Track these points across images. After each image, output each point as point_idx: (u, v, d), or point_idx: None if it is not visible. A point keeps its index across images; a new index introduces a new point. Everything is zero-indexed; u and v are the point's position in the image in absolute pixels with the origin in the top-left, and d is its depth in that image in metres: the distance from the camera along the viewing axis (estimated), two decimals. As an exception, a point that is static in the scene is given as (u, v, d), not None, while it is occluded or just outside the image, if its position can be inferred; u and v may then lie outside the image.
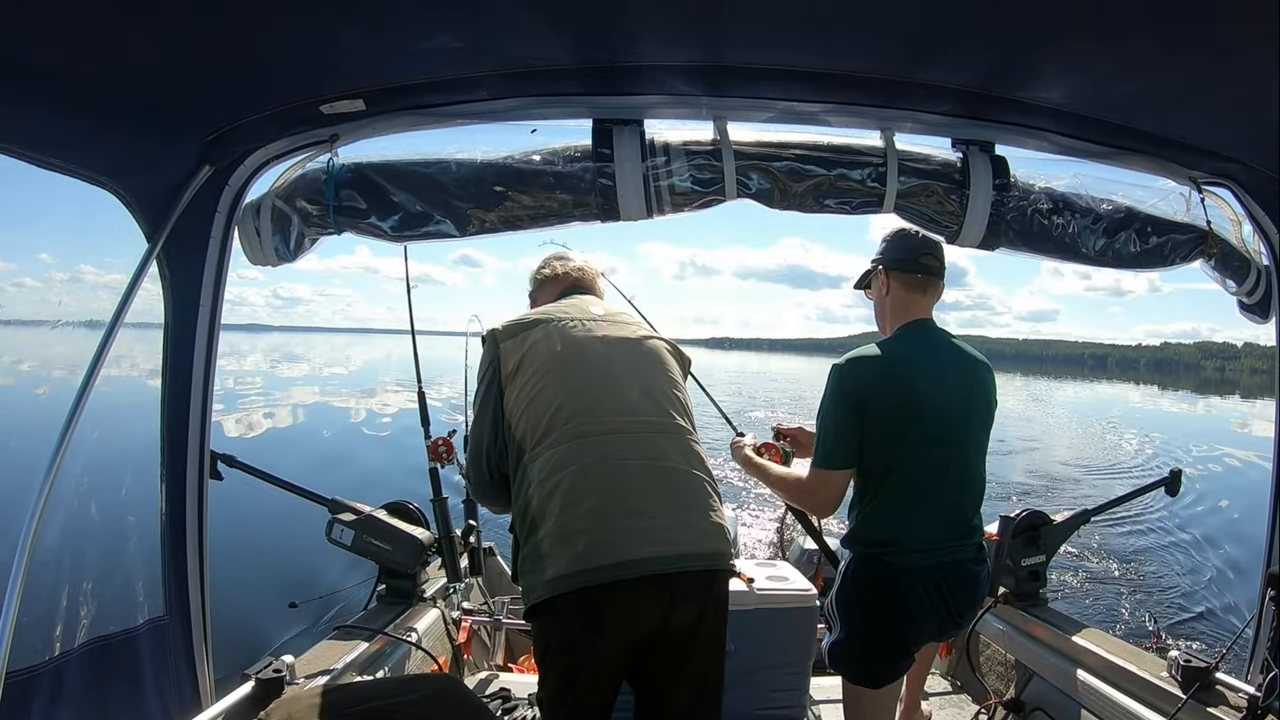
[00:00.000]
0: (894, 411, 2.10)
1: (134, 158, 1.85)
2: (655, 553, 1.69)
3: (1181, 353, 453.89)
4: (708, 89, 1.91)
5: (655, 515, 1.72)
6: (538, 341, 1.87)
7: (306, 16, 1.53)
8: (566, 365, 1.84)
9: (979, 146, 2.12)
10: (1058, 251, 2.21)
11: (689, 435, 1.88)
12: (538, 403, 1.80)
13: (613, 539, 1.69)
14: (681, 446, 1.84)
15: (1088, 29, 1.54)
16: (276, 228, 2.07)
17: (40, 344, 1.94)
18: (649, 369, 1.92)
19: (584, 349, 1.88)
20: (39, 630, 1.75)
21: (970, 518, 2.23)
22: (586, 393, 1.82)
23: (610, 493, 1.72)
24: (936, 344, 2.23)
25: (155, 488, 2.05)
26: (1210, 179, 2.22)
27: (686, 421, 1.90)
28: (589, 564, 1.67)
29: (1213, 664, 2.19)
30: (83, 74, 1.59)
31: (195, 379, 2.07)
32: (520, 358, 1.85)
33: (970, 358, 2.26)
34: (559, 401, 1.79)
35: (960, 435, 2.18)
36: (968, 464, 2.21)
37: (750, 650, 2.77)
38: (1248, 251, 2.33)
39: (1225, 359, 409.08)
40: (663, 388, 1.91)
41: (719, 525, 1.82)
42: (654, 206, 2.01)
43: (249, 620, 4.65)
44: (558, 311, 1.96)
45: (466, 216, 2.02)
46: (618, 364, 1.89)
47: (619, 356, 1.91)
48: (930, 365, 2.17)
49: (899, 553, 2.12)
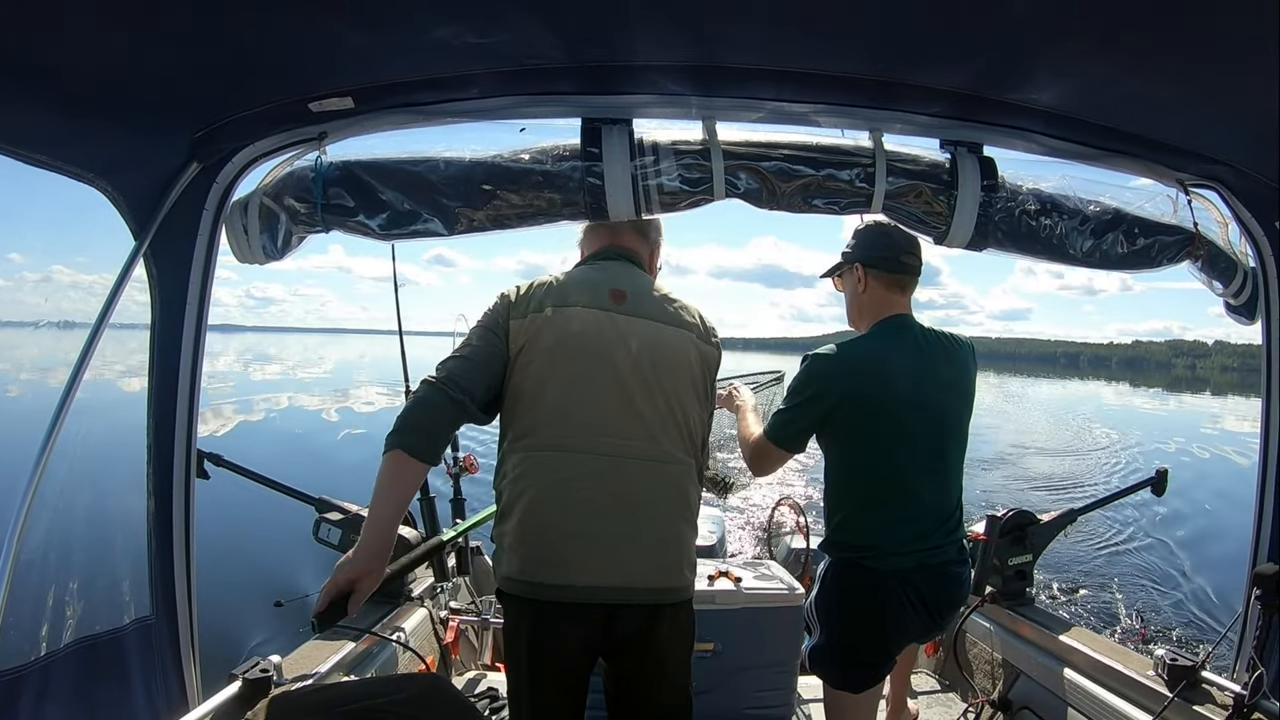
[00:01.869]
0: (866, 410, 2.10)
1: (122, 155, 1.84)
2: (596, 582, 1.71)
3: (1153, 351, 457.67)
4: (697, 89, 1.91)
5: (606, 545, 1.73)
6: (542, 329, 1.79)
7: (295, 14, 1.52)
8: (563, 367, 1.78)
9: (967, 148, 2.12)
10: (1045, 253, 2.22)
11: (673, 463, 1.81)
12: (528, 396, 1.78)
13: (558, 560, 1.72)
14: (658, 476, 1.79)
15: (1076, 32, 1.55)
16: (264, 226, 2.06)
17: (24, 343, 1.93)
18: (654, 382, 1.81)
19: (584, 351, 1.79)
20: (25, 630, 1.74)
21: (950, 516, 2.20)
22: (575, 403, 1.77)
23: (568, 515, 1.73)
24: (915, 339, 2.19)
25: (142, 487, 2.04)
26: (1197, 181, 2.24)
27: (679, 444, 1.83)
28: (533, 578, 1.72)
29: (1199, 662, 2.20)
30: (71, 71, 1.58)
31: (182, 377, 2.05)
32: (525, 342, 1.79)
33: (952, 346, 2.23)
34: (547, 404, 1.77)
35: (938, 432, 2.16)
36: (947, 461, 2.19)
37: (738, 649, 2.78)
38: (1234, 253, 2.34)
39: (1196, 357, 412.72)
40: (661, 406, 1.81)
41: (678, 561, 1.81)
42: (642, 206, 2.00)
43: (236, 620, 4.64)
44: (576, 290, 1.86)
45: (455, 215, 2.01)
46: (618, 373, 1.79)
47: (623, 363, 1.80)
48: (906, 362, 2.14)
49: (877, 556, 2.12)
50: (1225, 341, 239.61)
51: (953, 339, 2.25)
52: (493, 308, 1.87)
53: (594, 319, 1.82)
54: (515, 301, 1.85)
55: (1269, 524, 2.30)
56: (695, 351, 1.90)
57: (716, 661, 2.77)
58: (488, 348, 1.81)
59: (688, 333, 1.90)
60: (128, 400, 2.06)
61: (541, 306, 1.82)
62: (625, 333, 1.82)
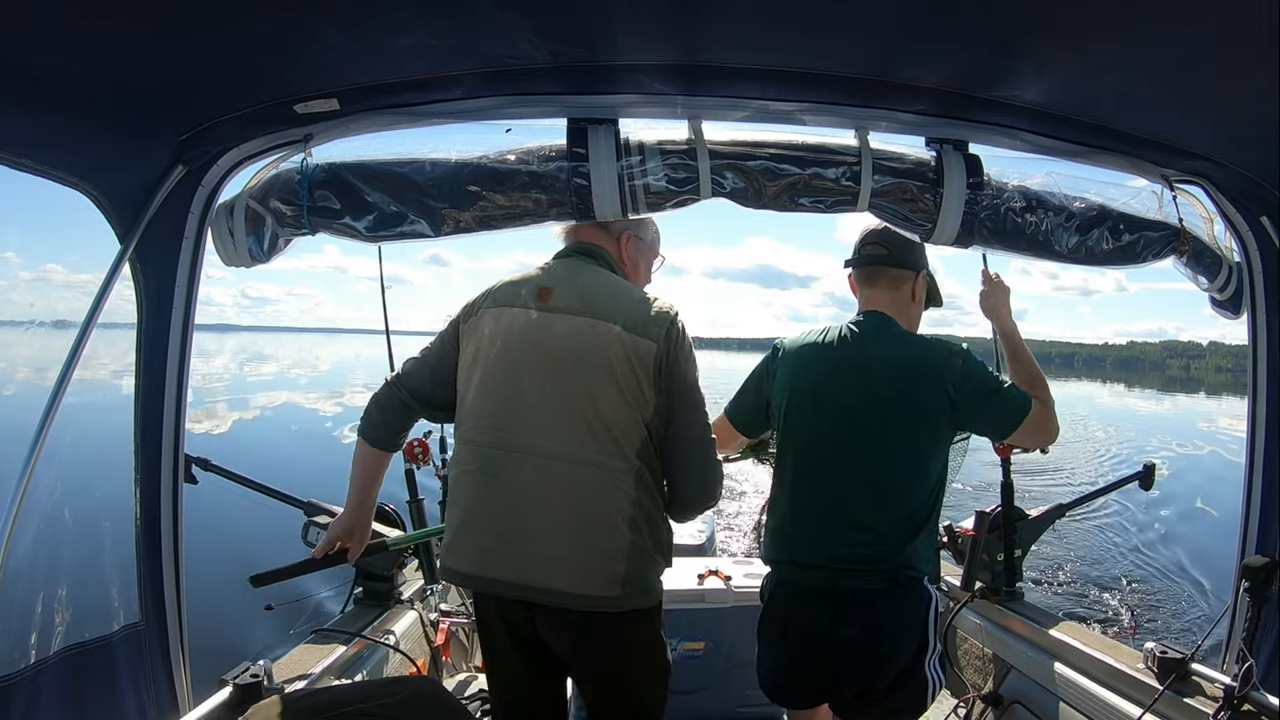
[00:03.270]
0: (783, 396, 2.11)
1: (106, 158, 1.83)
2: (510, 578, 1.77)
3: (1147, 351, 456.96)
4: (683, 88, 1.91)
5: (497, 541, 1.78)
6: (475, 330, 1.88)
7: (280, 15, 1.52)
8: (481, 366, 1.84)
9: (953, 145, 2.13)
10: (1031, 249, 2.23)
11: (585, 465, 1.74)
12: (469, 392, 1.86)
13: (478, 556, 1.81)
14: (563, 477, 1.75)
15: (1061, 29, 1.56)
16: (250, 228, 2.05)
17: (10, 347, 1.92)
18: (569, 382, 1.77)
19: (503, 350, 1.82)
20: (14, 639, 1.74)
21: (874, 537, 1.94)
22: (485, 400, 1.84)
23: (492, 511, 1.80)
24: (863, 333, 2.07)
25: (129, 492, 2.03)
26: (1182, 177, 2.24)
27: (595, 446, 1.74)
28: (459, 567, 1.85)
29: (1189, 655, 2.22)
30: (54, 74, 1.57)
31: (169, 381, 2.04)
32: (465, 344, 1.89)
33: (908, 350, 2.03)
34: (468, 402, 1.86)
35: (839, 435, 2.00)
36: (870, 467, 1.97)
37: (728, 648, 2.78)
38: (1219, 249, 2.35)
39: (1190, 357, 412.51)
40: (573, 406, 1.75)
41: (600, 569, 1.74)
42: (629, 206, 2.00)
43: (225, 625, 4.60)
44: (512, 290, 1.90)
45: (441, 216, 2.01)
46: (530, 373, 1.79)
47: (537, 362, 1.79)
48: (836, 353, 2.06)
49: (782, 570, 2.09)
50: (1220, 342, 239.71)
51: (921, 343, 2.06)
52: (458, 313, 1.96)
53: (518, 319, 1.85)
54: (469, 305, 1.94)
55: (1256, 516, 2.31)
56: (620, 347, 1.76)
57: (707, 660, 2.77)
58: (440, 349, 1.95)
59: (612, 325, 1.78)
60: (115, 404, 2.05)
61: (481, 309, 1.90)
62: (544, 331, 1.82)
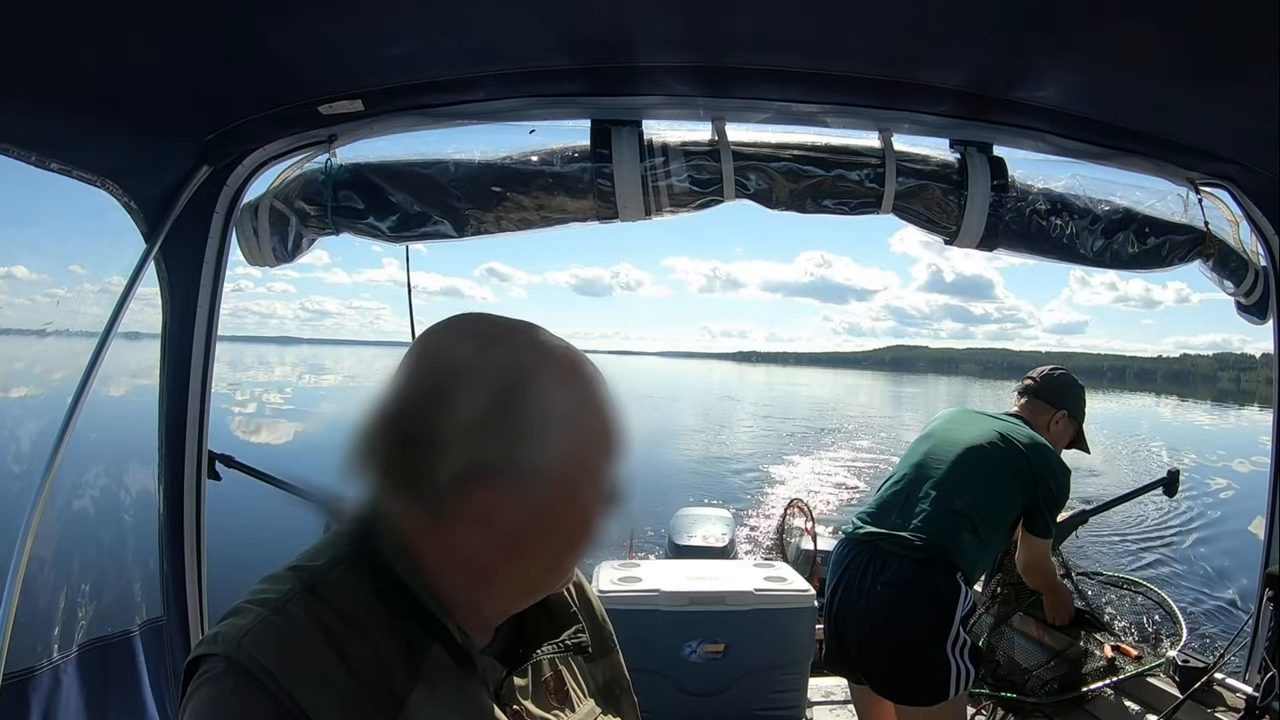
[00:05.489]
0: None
1: (132, 158, 1.84)
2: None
3: (1199, 364, 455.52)
4: (706, 90, 1.90)
5: None
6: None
7: (306, 16, 1.53)
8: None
9: (977, 147, 2.12)
10: (1055, 252, 2.21)
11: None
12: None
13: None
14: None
15: (1086, 30, 1.54)
16: (274, 228, 2.07)
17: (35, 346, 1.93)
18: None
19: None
20: (37, 631, 1.75)
21: (913, 518, 2.41)
22: None
23: None
24: (1005, 416, 2.72)
25: (153, 488, 2.05)
26: (1208, 180, 2.22)
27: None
28: None
29: (1211, 664, 2.20)
30: (82, 74, 1.58)
31: (194, 378, 2.07)
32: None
33: (1029, 435, 2.57)
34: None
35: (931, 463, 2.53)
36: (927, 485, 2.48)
37: (748, 650, 2.77)
38: (1245, 252, 2.33)
39: (1242, 370, 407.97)
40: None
41: None
42: (652, 207, 2.00)
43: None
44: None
45: (465, 217, 2.02)
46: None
47: None
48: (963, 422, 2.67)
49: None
50: (1271, 354, 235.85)
51: (1015, 436, 2.54)
52: None
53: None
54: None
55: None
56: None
57: (727, 662, 2.77)
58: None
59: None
60: (139, 401, 2.07)
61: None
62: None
